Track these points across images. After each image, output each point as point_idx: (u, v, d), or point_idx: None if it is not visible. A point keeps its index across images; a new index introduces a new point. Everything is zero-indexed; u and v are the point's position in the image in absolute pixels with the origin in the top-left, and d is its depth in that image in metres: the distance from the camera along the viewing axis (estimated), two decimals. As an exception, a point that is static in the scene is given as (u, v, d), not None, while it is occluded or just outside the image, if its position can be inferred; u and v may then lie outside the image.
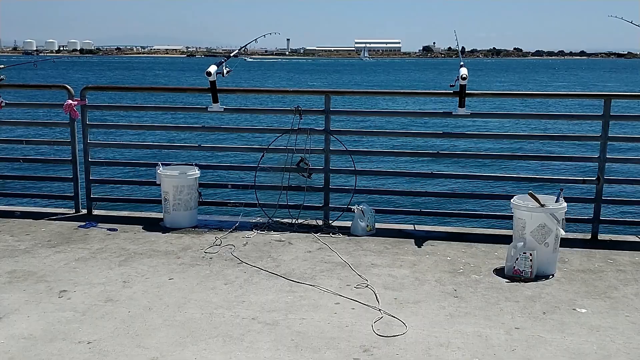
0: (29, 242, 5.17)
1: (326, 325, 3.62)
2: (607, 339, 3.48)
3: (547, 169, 13.77)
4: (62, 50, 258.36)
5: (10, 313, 3.73)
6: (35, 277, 4.34)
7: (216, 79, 5.70)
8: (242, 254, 4.90)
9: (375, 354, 3.28)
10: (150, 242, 5.23)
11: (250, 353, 3.27)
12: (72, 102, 5.97)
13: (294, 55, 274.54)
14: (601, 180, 5.46)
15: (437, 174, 6.75)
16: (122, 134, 17.99)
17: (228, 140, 10.21)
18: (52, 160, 8.07)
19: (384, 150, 9.26)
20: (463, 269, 4.61)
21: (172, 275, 4.43)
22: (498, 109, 17.41)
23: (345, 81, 69.25)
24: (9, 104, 6.32)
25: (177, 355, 3.24)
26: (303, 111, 5.73)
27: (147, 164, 6.39)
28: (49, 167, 10.53)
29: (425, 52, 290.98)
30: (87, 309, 3.80)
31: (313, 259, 4.81)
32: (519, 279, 4.37)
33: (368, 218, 5.51)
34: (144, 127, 8.37)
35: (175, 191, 5.62)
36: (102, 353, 3.25)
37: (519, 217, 4.58)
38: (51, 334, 3.46)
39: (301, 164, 5.77)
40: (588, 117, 6.26)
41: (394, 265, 4.70)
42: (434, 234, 5.54)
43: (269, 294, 4.08)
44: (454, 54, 9.05)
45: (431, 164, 12.16)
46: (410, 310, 3.84)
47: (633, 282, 4.40)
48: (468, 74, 5.32)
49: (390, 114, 10.18)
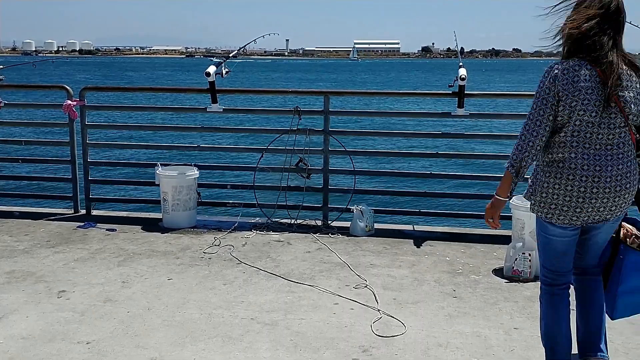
0: (28, 243, 5.17)
1: (325, 325, 3.62)
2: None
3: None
4: (61, 51, 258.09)
5: (9, 313, 3.73)
6: (34, 278, 4.34)
7: (215, 80, 5.71)
8: (241, 254, 4.90)
9: (375, 354, 3.28)
10: (149, 242, 5.23)
11: (249, 353, 3.27)
12: (71, 103, 5.97)
13: (293, 55, 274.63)
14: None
15: (436, 175, 6.76)
16: (121, 134, 17.97)
17: (227, 141, 10.21)
18: (51, 161, 8.06)
19: (383, 151, 9.24)
20: (462, 269, 4.61)
21: (171, 275, 4.43)
22: (497, 109, 17.42)
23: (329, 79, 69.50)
24: (8, 104, 6.32)
25: (176, 355, 3.24)
26: (302, 111, 5.74)
27: (146, 164, 6.39)
28: (48, 167, 10.52)
29: (424, 52, 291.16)
30: (86, 309, 3.80)
31: (312, 259, 4.82)
32: (517, 279, 4.37)
33: (367, 218, 5.51)
34: (143, 128, 8.36)
35: (174, 191, 5.62)
36: (101, 353, 3.25)
37: (518, 217, 4.59)
38: (50, 334, 3.46)
39: (300, 165, 5.77)
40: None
41: (393, 265, 4.70)
42: (433, 235, 5.54)
43: (268, 294, 4.08)
44: (453, 55, 9.08)
45: (430, 164, 12.16)
46: (409, 311, 3.84)
47: (632, 283, 4.40)
48: (467, 75, 5.33)
49: (389, 115, 10.17)
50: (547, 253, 2.84)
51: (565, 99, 2.57)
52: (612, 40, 2.58)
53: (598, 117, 2.56)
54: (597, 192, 2.59)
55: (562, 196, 2.63)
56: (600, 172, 2.57)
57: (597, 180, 2.58)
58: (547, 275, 2.87)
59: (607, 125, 2.58)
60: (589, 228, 2.78)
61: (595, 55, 2.56)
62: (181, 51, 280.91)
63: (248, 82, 54.64)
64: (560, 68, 2.59)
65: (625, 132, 2.61)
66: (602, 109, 2.56)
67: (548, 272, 2.86)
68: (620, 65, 2.57)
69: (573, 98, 2.55)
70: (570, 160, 2.60)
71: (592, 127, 2.57)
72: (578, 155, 2.59)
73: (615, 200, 2.62)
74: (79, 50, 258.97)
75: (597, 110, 2.55)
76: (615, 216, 2.69)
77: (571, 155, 2.60)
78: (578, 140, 2.59)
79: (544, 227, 2.79)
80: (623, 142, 2.62)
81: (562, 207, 2.64)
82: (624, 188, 2.62)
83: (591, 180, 2.58)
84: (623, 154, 2.62)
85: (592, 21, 2.56)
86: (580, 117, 2.56)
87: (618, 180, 2.60)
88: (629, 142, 2.63)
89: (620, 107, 2.57)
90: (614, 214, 2.67)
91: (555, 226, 2.71)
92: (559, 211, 2.66)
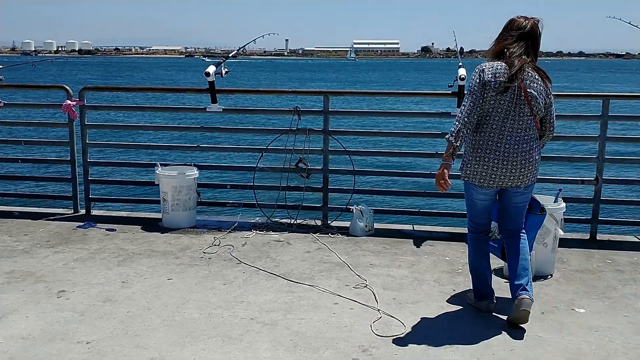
0: (28, 243, 5.17)
1: (325, 325, 3.62)
2: (605, 339, 3.49)
3: (546, 169, 13.77)
4: (61, 51, 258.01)
5: (9, 313, 3.73)
6: (34, 278, 4.34)
7: (215, 80, 5.71)
8: (240, 254, 4.90)
9: (374, 354, 3.28)
10: (148, 242, 5.23)
11: (248, 353, 3.27)
12: (71, 103, 5.97)
13: (293, 55, 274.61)
14: (600, 181, 5.47)
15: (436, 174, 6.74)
16: (120, 134, 17.96)
17: (227, 141, 10.20)
18: (50, 161, 8.07)
19: (383, 151, 9.23)
20: (462, 269, 4.61)
21: (171, 275, 4.43)
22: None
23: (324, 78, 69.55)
24: (8, 104, 6.32)
25: (176, 355, 3.24)
26: (302, 111, 5.74)
27: (145, 164, 6.38)
28: (48, 167, 10.53)
29: (424, 52, 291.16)
30: (85, 309, 3.80)
31: (312, 259, 4.82)
32: (517, 279, 4.37)
33: (367, 218, 5.51)
34: (142, 128, 8.36)
35: (173, 191, 5.62)
36: (101, 353, 3.25)
37: (517, 217, 4.59)
38: (50, 334, 3.46)
39: (300, 164, 5.77)
40: (586, 118, 6.26)
41: (392, 265, 4.70)
42: (432, 234, 5.55)
43: (267, 294, 4.08)
44: (453, 55, 9.08)
45: (430, 164, 12.14)
46: (409, 311, 3.84)
47: (631, 282, 4.40)
48: (467, 75, 5.33)
49: (388, 114, 10.16)
50: (471, 211, 3.80)
51: (489, 91, 3.45)
52: (522, 49, 3.51)
53: (511, 108, 3.46)
54: (507, 164, 3.49)
55: (483, 167, 3.53)
56: (509, 149, 3.48)
57: (507, 156, 3.48)
58: (472, 226, 3.84)
59: (518, 114, 3.47)
60: (506, 195, 3.67)
61: (508, 61, 3.48)
62: (180, 51, 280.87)
63: (243, 82, 54.69)
64: (487, 66, 3.49)
65: (530, 120, 3.50)
66: (513, 101, 3.45)
67: (473, 223, 3.82)
68: (525, 69, 3.45)
69: (494, 90, 3.44)
70: (490, 140, 3.50)
71: (506, 114, 3.46)
72: (496, 137, 3.48)
73: (522, 171, 3.52)
74: (79, 50, 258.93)
75: (509, 102, 3.45)
76: (524, 185, 3.58)
77: (491, 135, 3.49)
78: (496, 124, 3.48)
79: (470, 191, 3.71)
80: (529, 127, 3.51)
81: (483, 175, 3.54)
82: (527, 162, 3.52)
83: (503, 155, 3.48)
84: (528, 136, 3.52)
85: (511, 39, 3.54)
86: (498, 106, 3.46)
87: (523, 156, 3.50)
88: (533, 128, 3.53)
89: (528, 100, 3.46)
90: (522, 182, 3.56)
91: (478, 189, 3.63)
92: (482, 178, 3.55)
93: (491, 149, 3.49)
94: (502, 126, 3.47)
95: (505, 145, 3.47)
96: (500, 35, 3.62)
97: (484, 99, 3.46)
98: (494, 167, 3.50)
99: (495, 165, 3.49)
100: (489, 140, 3.49)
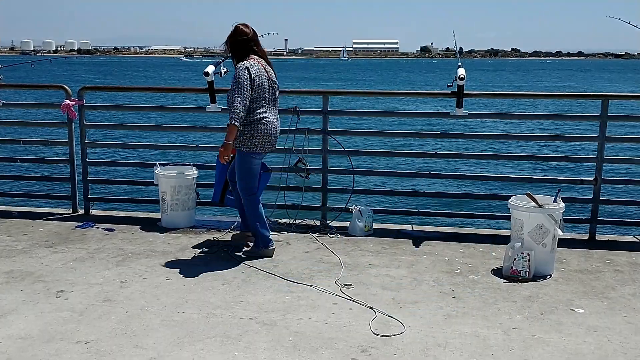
0: (27, 242, 5.16)
1: (324, 325, 3.62)
2: (604, 339, 3.49)
3: (545, 170, 13.80)
4: (60, 50, 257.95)
5: (7, 313, 3.73)
6: (33, 277, 4.34)
7: (214, 79, 5.70)
8: (240, 254, 4.89)
9: (373, 354, 3.28)
10: (147, 242, 5.23)
11: (248, 353, 3.27)
12: (70, 102, 5.96)
13: (292, 55, 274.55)
14: (599, 181, 5.46)
15: (435, 174, 6.74)
16: (119, 134, 17.96)
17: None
18: (49, 161, 8.05)
19: (382, 151, 9.25)
20: (461, 269, 4.61)
21: (170, 275, 4.42)
22: (496, 109, 17.42)
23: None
24: (7, 103, 6.31)
25: (175, 355, 3.24)
26: (301, 111, 5.73)
27: (144, 164, 6.38)
28: (47, 167, 10.52)
29: (423, 52, 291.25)
30: (84, 309, 3.80)
31: (311, 259, 4.81)
32: (516, 279, 4.37)
33: (366, 218, 5.51)
34: (141, 127, 8.36)
35: (172, 191, 5.62)
36: (100, 353, 3.24)
37: (516, 217, 4.59)
38: (49, 334, 3.45)
39: (299, 164, 5.77)
40: (586, 118, 6.26)
41: (391, 265, 4.70)
42: (431, 234, 5.54)
43: (266, 294, 4.08)
44: (452, 55, 9.05)
45: (429, 164, 12.16)
46: (408, 311, 3.84)
47: (630, 282, 4.40)
48: (466, 75, 5.32)
49: (388, 114, 10.17)
50: (250, 176, 4.75)
51: (257, 81, 4.54)
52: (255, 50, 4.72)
53: (271, 94, 4.70)
54: (273, 135, 4.70)
55: (262, 137, 4.62)
56: (273, 123, 4.71)
57: (272, 127, 4.68)
58: (251, 190, 4.77)
59: (275, 97, 4.77)
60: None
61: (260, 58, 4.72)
62: (180, 51, 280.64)
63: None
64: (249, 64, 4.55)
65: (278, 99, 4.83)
66: (269, 88, 4.67)
67: (251, 187, 4.77)
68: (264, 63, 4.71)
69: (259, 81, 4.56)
70: (263, 117, 4.62)
71: (269, 97, 4.68)
72: (267, 115, 4.65)
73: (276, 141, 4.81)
74: (78, 50, 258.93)
75: (268, 90, 4.66)
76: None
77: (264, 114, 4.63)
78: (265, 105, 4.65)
79: (249, 160, 4.69)
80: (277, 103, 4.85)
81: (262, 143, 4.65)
82: (278, 133, 4.80)
83: (272, 128, 4.68)
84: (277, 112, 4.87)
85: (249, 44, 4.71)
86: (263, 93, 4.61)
87: (278, 129, 4.79)
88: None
89: (277, 86, 4.79)
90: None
91: (256, 156, 4.71)
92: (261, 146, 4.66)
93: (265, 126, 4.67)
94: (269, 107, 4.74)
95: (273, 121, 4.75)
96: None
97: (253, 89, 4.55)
98: (266, 137, 4.68)
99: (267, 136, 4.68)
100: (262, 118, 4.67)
